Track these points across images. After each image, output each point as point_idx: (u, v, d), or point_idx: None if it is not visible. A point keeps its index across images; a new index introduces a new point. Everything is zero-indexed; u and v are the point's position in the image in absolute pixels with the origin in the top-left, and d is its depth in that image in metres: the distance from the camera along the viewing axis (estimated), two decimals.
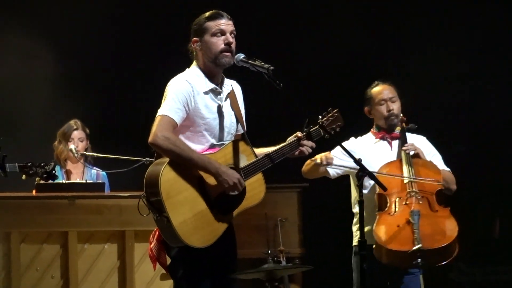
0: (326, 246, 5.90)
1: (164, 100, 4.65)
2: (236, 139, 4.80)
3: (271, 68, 4.65)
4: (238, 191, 4.63)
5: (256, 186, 4.75)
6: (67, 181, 6.88)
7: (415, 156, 5.78)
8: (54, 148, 7.16)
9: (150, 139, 4.56)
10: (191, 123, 4.68)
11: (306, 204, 7.28)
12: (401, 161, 5.74)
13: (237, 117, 4.84)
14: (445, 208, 5.63)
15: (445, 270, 8.75)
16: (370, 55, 8.77)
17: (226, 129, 4.79)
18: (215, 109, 4.75)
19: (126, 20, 8.62)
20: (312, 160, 5.54)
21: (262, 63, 4.69)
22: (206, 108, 4.72)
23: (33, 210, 6.18)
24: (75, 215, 6.18)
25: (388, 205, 5.61)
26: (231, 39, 4.74)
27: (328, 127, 4.98)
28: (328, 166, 5.58)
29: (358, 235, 5.80)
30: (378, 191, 5.65)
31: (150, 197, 4.53)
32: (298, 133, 4.86)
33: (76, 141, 7.09)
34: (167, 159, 4.54)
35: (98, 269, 6.19)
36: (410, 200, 5.57)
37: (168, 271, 4.75)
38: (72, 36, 8.48)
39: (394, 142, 5.90)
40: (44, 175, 6.27)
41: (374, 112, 5.91)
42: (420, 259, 5.35)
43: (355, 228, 5.89)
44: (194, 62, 4.82)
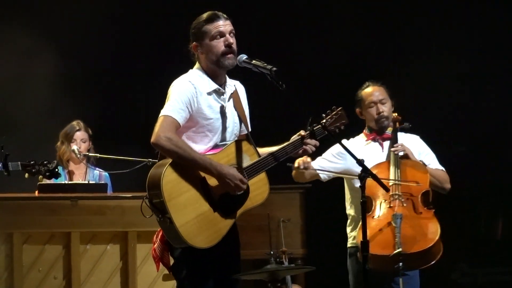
0: (329, 247, 5.90)
1: (167, 101, 4.65)
2: (239, 139, 4.79)
3: (274, 69, 4.64)
4: (241, 191, 4.62)
5: (260, 186, 4.74)
6: (70, 182, 6.88)
7: (405, 157, 5.76)
8: (57, 149, 7.16)
9: (153, 140, 4.56)
10: (194, 124, 4.67)
11: (309, 205, 7.29)
12: (389, 163, 5.72)
13: (240, 117, 4.84)
14: (429, 210, 5.59)
15: (448, 271, 8.75)
16: (371, 55, 8.77)
17: (229, 130, 4.78)
18: (218, 110, 4.75)
19: (129, 21, 8.62)
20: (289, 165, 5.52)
21: (265, 64, 4.68)
22: (210, 109, 4.71)
23: (36, 211, 6.18)
24: (78, 216, 6.18)
25: (373, 208, 5.60)
26: (231, 40, 4.72)
27: (332, 125, 4.97)
28: (307, 170, 5.55)
29: (353, 237, 5.82)
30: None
31: (153, 199, 4.53)
32: (302, 132, 4.85)
33: (79, 142, 7.09)
34: (169, 161, 4.54)
35: (101, 270, 6.19)
36: (394, 203, 5.54)
37: (172, 272, 4.75)
38: (74, 36, 8.49)
39: (386, 143, 5.88)
40: (47, 173, 6.28)
41: (365, 114, 5.89)
42: (402, 263, 5.32)
43: (349, 230, 5.88)
44: (197, 63, 4.81)
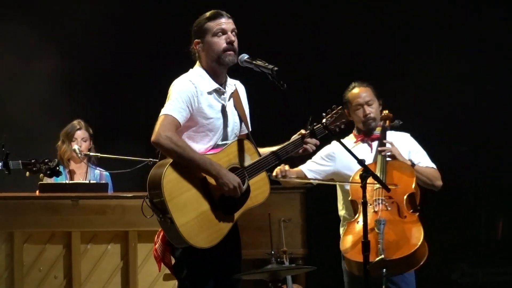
0: (329, 247, 5.88)
1: (168, 100, 4.66)
2: (240, 139, 4.79)
3: (275, 69, 4.65)
4: (237, 195, 4.62)
5: (261, 185, 4.75)
6: (71, 181, 6.88)
7: (392, 157, 5.74)
8: (58, 148, 7.16)
9: (153, 139, 4.56)
10: (195, 123, 4.68)
11: (310, 205, 7.28)
12: (376, 165, 5.69)
13: (241, 117, 4.84)
14: (414, 214, 5.56)
15: (448, 271, 8.75)
16: (371, 55, 8.77)
17: (230, 129, 4.79)
18: (219, 109, 4.75)
19: (129, 20, 8.62)
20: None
21: (266, 64, 4.69)
22: (210, 108, 4.71)
23: (37, 210, 6.18)
24: (79, 216, 6.18)
25: (358, 213, 5.57)
26: (233, 38, 4.74)
27: (332, 124, 4.97)
28: (285, 178, 5.52)
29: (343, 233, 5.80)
30: (351, 198, 5.64)
31: (153, 198, 4.53)
32: (302, 131, 4.86)
33: (80, 141, 7.09)
34: (170, 160, 4.55)
35: (101, 270, 6.20)
36: (378, 207, 5.51)
37: (173, 272, 4.75)
38: (74, 35, 8.49)
39: (374, 143, 5.86)
40: (48, 172, 6.27)
41: (353, 116, 5.85)
42: (385, 269, 5.29)
43: (342, 231, 5.87)
44: (198, 63, 4.82)
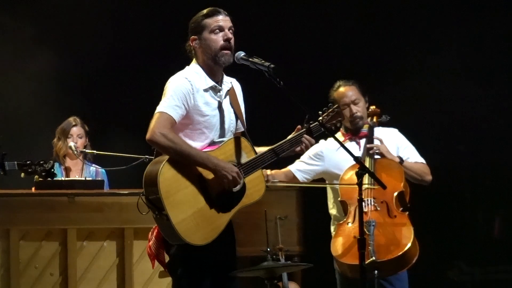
0: (325, 244, 5.88)
1: (163, 97, 4.65)
2: (236, 136, 4.80)
3: (271, 66, 4.65)
4: (237, 184, 4.62)
5: (257, 183, 4.75)
6: (67, 179, 6.88)
7: (380, 155, 5.73)
8: (53, 145, 7.16)
9: (148, 136, 4.56)
10: (191, 121, 4.67)
11: (306, 203, 7.27)
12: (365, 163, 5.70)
13: (237, 115, 4.84)
14: (404, 213, 5.57)
15: (445, 269, 8.75)
16: (369, 52, 8.76)
17: (226, 127, 4.79)
18: (215, 106, 4.75)
19: (125, 17, 8.61)
20: None
21: (263, 61, 4.69)
22: (206, 105, 4.71)
23: (33, 208, 6.17)
24: (75, 213, 6.17)
25: (348, 214, 5.58)
26: (230, 35, 4.74)
27: (329, 123, 4.98)
28: (268, 183, 5.51)
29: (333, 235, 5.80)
30: (340, 198, 5.64)
31: (150, 196, 4.53)
32: (299, 127, 4.86)
33: (75, 138, 7.09)
34: (166, 157, 4.54)
35: (97, 267, 6.19)
36: (368, 208, 5.51)
37: (167, 269, 4.74)
38: (70, 33, 8.48)
39: (362, 141, 5.88)
40: (43, 173, 6.28)
41: None
42: (377, 271, 5.30)
43: (333, 229, 5.87)
44: (194, 60, 4.82)
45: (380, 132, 5.89)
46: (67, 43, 8.47)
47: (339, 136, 5.91)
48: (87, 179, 6.80)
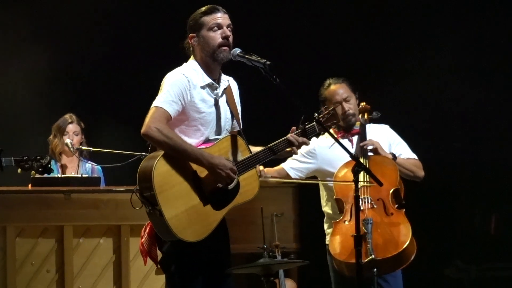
0: (322, 241, 5.88)
1: (160, 93, 4.65)
2: (231, 134, 4.79)
3: (268, 63, 4.64)
4: (232, 180, 4.61)
5: (251, 182, 4.74)
6: (63, 175, 6.87)
7: (374, 152, 5.74)
8: (49, 142, 7.16)
9: (143, 131, 4.55)
10: (187, 117, 4.67)
11: (302, 199, 7.28)
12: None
13: (233, 113, 4.84)
14: (400, 210, 5.56)
15: (442, 267, 8.76)
16: (366, 50, 8.76)
17: (222, 125, 4.79)
18: (211, 104, 4.75)
19: (120, 13, 8.59)
20: None
21: (259, 58, 4.69)
22: (202, 102, 4.71)
23: (29, 205, 6.17)
24: (71, 210, 6.17)
25: (344, 213, 5.57)
26: (228, 32, 4.73)
27: (324, 124, 4.97)
28: (261, 178, 5.49)
29: (330, 234, 5.76)
30: (335, 196, 5.63)
31: (143, 190, 4.51)
32: (294, 128, 4.86)
33: (71, 135, 7.09)
34: (161, 153, 4.53)
35: (94, 264, 6.19)
36: (364, 206, 5.50)
37: (160, 266, 4.73)
38: (65, 29, 8.47)
39: (355, 138, 5.86)
40: (40, 169, 6.27)
41: None
42: (376, 269, 5.29)
43: (326, 226, 5.87)
44: (192, 57, 4.81)
45: (372, 129, 5.89)
46: (62, 40, 8.46)
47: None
48: (84, 176, 6.80)
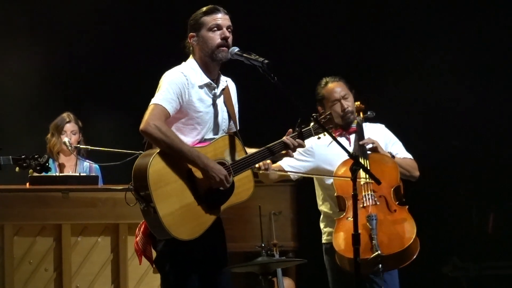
0: (320, 240, 5.89)
1: (158, 90, 4.66)
2: (228, 134, 4.80)
3: (266, 62, 4.64)
4: (224, 188, 4.62)
5: (245, 183, 4.75)
6: (61, 174, 6.87)
7: (373, 150, 5.74)
8: (47, 141, 7.15)
9: (142, 127, 4.55)
10: (184, 116, 4.67)
11: (300, 198, 7.29)
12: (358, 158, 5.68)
13: (230, 114, 4.85)
14: (403, 207, 5.57)
15: (439, 265, 8.77)
16: (368, 51, 8.76)
17: (218, 125, 4.79)
18: (209, 104, 4.75)
19: (119, 12, 8.59)
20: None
21: (257, 57, 4.69)
22: (200, 102, 4.71)
23: (27, 203, 6.16)
24: (69, 208, 6.17)
25: (346, 209, 5.56)
26: (228, 34, 4.74)
27: (320, 129, 4.97)
28: (268, 171, 5.49)
29: (327, 233, 5.80)
30: (336, 193, 5.63)
31: (138, 187, 4.52)
32: (290, 130, 4.87)
33: (69, 134, 7.08)
34: (157, 150, 4.54)
35: (92, 262, 6.18)
36: (367, 203, 5.52)
37: (155, 265, 4.73)
38: (64, 27, 8.47)
39: (352, 136, 5.86)
40: (38, 168, 6.27)
41: (329, 111, 5.83)
42: (381, 265, 5.31)
43: (322, 225, 5.86)
44: (191, 56, 4.82)
45: (368, 128, 5.89)
46: (57, 37, 8.46)
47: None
48: (81, 175, 6.80)
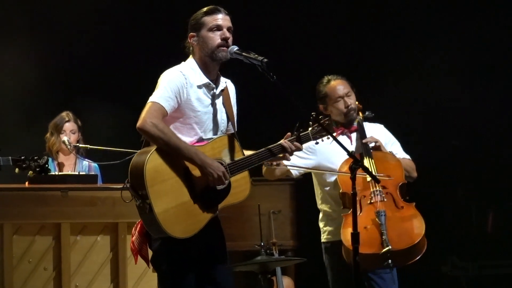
0: (319, 239, 5.89)
1: (156, 88, 4.66)
2: (226, 135, 4.80)
3: (265, 60, 4.64)
4: (222, 184, 4.62)
5: (242, 184, 4.74)
6: (60, 173, 6.87)
7: (375, 148, 5.74)
8: (46, 140, 7.16)
9: (139, 124, 4.55)
10: (182, 115, 4.67)
11: (299, 197, 7.29)
12: (361, 156, 5.66)
13: (228, 115, 4.85)
14: (410, 204, 5.57)
15: (438, 264, 8.77)
16: (368, 51, 8.77)
17: (216, 125, 4.79)
18: (207, 104, 4.75)
19: (119, 13, 8.60)
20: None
21: (256, 55, 4.68)
22: (198, 102, 4.71)
23: (26, 202, 6.16)
24: (68, 207, 6.17)
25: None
26: (228, 34, 4.73)
27: (318, 134, 4.96)
28: (279, 167, 5.49)
29: (327, 231, 5.80)
30: (341, 190, 5.63)
31: (135, 184, 4.51)
32: (289, 134, 4.87)
33: (68, 133, 7.08)
34: (154, 147, 4.54)
35: (91, 261, 6.19)
36: (375, 199, 5.51)
37: (152, 264, 4.73)
38: (64, 27, 8.47)
39: (353, 135, 5.85)
40: (37, 169, 6.26)
41: (331, 109, 5.81)
42: (391, 260, 5.32)
43: (322, 224, 5.85)
44: (191, 56, 4.82)
45: (368, 127, 5.89)
46: (56, 35, 8.47)
47: None
48: (81, 174, 6.81)
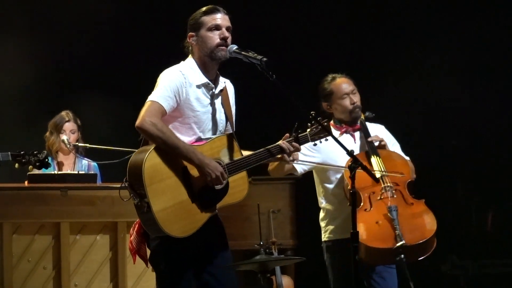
0: (318, 238, 5.89)
1: (156, 88, 4.66)
2: (225, 135, 4.80)
3: (264, 60, 4.63)
4: (220, 184, 4.62)
5: (240, 184, 4.74)
6: (60, 172, 6.87)
7: (380, 147, 5.73)
8: (45, 139, 7.15)
9: (137, 123, 4.55)
10: (181, 114, 4.67)
11: (299, 196, 7.29)
12: (367, 154, 5.67)
13: (227, 115, 4.84)
14: (420, 200, 5.58)
15: (438, 263, 8.77)
16: (368, 51, 8.76)
17: (215, 125, 4.79)
18: (206, 104, 4.75)
19: (119, 11, 8.60)
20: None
21: (255, 54, 4.68)
22: (197, 101, 4.71)
23: (25, 201, 6.17)
24: (68, 206, 6.17)
25: (362, 202, 5.55)
26: (227, 34, 4.73)
27: (317, 135, 4.97)
28: (294, 162, 5.49)
29: (329, 230, 5.80)
30: (349, 187, 5.62)
31: (133, 182, 4.51)
32: (287, 135, 4.87)
33: (68, 133, 7.08)
34: (152, 146, 4.54)
35: (90, 260, 6.20)
36: (385, 195, 5.52)
37: (150, 264, 4.73)
38: (64, 27, 8.47)
39: (356, 134, 5.85)
40: (37, 164, 6.26)
41: (336, 107, 5.81)
42: (403, 255, 5.33)
43: (323, 224, 5.84)
44: (190, 56, 4.82)
45: (369, 128, 5.89)
46: (54, 33, 8.47)
47: (332, 130, 5.89)
48: (80, 173, 6.80)
